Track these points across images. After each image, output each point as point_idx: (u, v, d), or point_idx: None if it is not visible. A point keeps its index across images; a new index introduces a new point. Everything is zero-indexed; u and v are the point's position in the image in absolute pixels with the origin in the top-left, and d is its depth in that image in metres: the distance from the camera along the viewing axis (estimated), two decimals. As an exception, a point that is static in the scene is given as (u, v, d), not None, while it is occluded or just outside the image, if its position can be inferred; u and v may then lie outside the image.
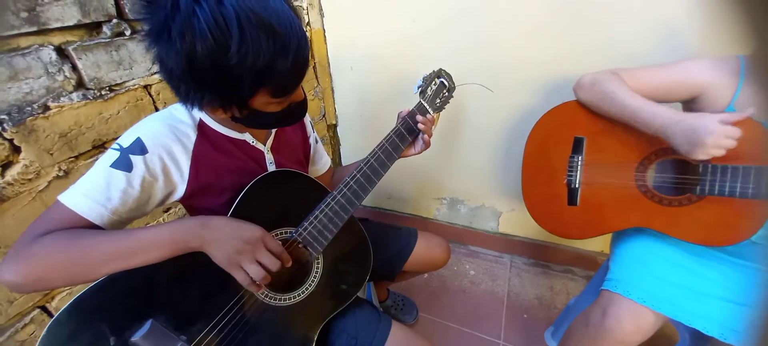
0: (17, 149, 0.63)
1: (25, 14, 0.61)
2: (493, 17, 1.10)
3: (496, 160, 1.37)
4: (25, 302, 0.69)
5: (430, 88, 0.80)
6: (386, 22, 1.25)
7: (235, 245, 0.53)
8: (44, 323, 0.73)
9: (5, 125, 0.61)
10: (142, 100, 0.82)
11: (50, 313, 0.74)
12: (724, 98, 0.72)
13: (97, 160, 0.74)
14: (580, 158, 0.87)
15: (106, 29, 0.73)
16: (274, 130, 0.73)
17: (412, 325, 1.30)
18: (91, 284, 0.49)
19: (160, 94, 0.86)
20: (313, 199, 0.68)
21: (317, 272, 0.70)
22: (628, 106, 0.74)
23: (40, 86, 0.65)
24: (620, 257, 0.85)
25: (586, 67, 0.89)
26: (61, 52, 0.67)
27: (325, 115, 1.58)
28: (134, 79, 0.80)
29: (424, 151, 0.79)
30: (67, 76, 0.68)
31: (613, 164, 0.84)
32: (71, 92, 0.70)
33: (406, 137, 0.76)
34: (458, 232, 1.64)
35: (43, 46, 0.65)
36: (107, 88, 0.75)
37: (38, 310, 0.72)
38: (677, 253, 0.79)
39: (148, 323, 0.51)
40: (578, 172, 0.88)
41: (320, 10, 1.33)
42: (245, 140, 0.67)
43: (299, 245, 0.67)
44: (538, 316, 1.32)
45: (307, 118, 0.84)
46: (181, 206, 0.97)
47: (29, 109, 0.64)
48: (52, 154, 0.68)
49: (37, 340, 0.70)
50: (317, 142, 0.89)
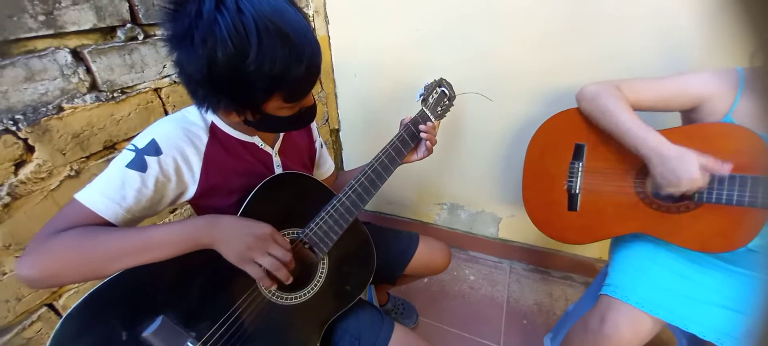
0: (31, 149, 0.65)
1: (42, 17, 0.63)
2: (494, 28, 1.13)
3: (495, 166, 1.39)
4: (32, 300, 0.70)
5: (431, 96, 0.82)
6: (390, 30, 1.27)
7: (246, 241, 0.55)
8: (51, 321, 0.73)
9: (20, 125, 0.62)
10: (152, 102, 0.84)
11: (57, 310, 0.75)
12: (722, 109, 0.74)
13: (107, 160, 0.77)
14: (580, 165, 0.89)
15: (120, 33, 0.75)
16: (282, 133, 0.75)
17: (412, 329, 1.31)
18: (102, 281, 0.50)
19: (169, 97, 0.87)
20: (318, 201, 0.69)
21: (322, 273, 0.71)
22: (620, 125, 0.77)
23: (55, 87, 0.67)
24: (619, 263, 0.86)
25: (585, 77, 0.90)
26: (76, 54, 0.69)
27: (328, 119, 1.60)
28: (145, 82, 0.82)
29: (426, 157, 0.81)
30: (81, 78, 0.70)
31: (613, 171, 0.85)
32: (85, 94, 0.71)
33: (408, 143, 0.78)
34: (458, 237, 1.65)
35: (59, 48, 0.66)
36: (119, 90, 0.77)
37: (46, 308, 0.73)
38: (675, 259, 0.81)
39: (159, 319, 0.52)
40: (578, 178, 0.89)
41: (325, 17, 1.36)
42: (254, 143, 0.69)
43: (305, 246, 0.68)
44: (537, 321, 1.33)
45: (313, 122, 0.86)
46: (188, 207, 0.98)
47: (44, 109, 0.66)
48: (64, 154, 0.70)
49: (43, 337, 0.72)
50: (322, 146, 0.91)
